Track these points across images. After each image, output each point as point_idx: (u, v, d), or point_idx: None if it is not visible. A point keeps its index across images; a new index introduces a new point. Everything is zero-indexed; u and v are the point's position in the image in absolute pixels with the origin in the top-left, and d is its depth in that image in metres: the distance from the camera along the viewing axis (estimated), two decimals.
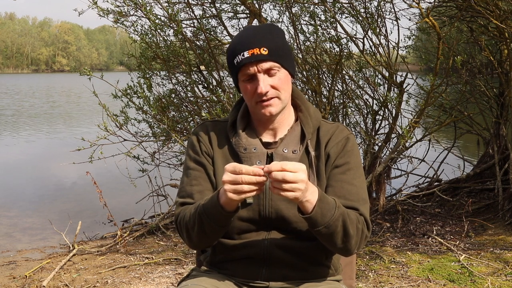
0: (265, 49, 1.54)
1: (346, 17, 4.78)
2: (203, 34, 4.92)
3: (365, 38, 4.65)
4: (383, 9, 4.69)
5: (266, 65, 1.56)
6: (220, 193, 1.47)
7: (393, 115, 4.78)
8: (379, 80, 4.93)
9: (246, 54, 1.55)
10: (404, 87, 4.58)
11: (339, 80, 5.08)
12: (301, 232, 1.60)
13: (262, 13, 4.90)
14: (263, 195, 1.60)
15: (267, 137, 1.66)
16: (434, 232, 4.55)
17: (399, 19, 4.76)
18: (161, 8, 4.72)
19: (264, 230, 1.62)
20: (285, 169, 1.37)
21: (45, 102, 25.78)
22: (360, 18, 4.54)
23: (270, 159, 1.62)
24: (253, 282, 1.63)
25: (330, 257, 1.69)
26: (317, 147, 1.65)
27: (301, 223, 1.57)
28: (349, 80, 5.20)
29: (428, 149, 5.92)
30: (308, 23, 5.02)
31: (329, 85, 4.93)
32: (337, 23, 4.63)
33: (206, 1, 5.19)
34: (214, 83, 5.08)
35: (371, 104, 5.14)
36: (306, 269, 1.65)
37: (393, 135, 4.90)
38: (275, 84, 1.57)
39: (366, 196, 1.64)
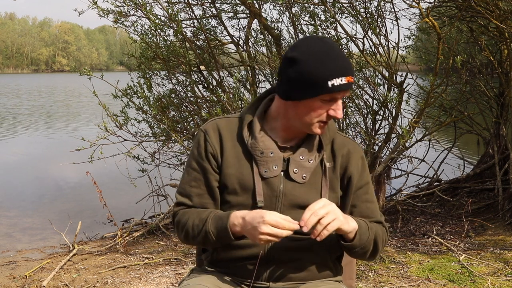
0: (352, 78, 1.55)
1: (346, 17, 4.78)
2: (203, 34, 4.92)
3: (365, 38, 4.65)
4: (383, 9, 4.68)
5: (347, 93, 1.57)
6: (234, 223, 1.53)
7: (393, 115, 4.78)
8: (379, 80, 4.93)
9: (344, 80, 1.51)
10: (404, 87, 4.58)
11: None
12: (305, 234, 1.60)
13: (262, 13, 4.90)
14: (276, 199, 1.60)
15: (283, 141, 1.65)
16: (434, 232, 4.55)
17: (399, 19, 4.76)
18: (161, 8, 4.72)
19: None
20: (320, 216, 1.45)
21: (45, 102, 25.77)
22: (360, 18, 4.53)
23: (286, 164, 1.62)
24: (254, 282, 1.63)
25: (332, 259, 1.70)
26: (332, 159, 1.66)
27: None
28: None
29: (428, 149, 5.92)
30: (308, 23, 5.02)
31: None
32: (337, 23, 4.62)
33: (206, 1, 5.19)
34: (214, 83, 5.08)
35: (371, 104, 5.14)
36: (307, 271, 1.65)
37: (393, 135, 4.90)
38: None
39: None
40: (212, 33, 5.30)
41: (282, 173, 1.61)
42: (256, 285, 1.64)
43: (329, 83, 1.50)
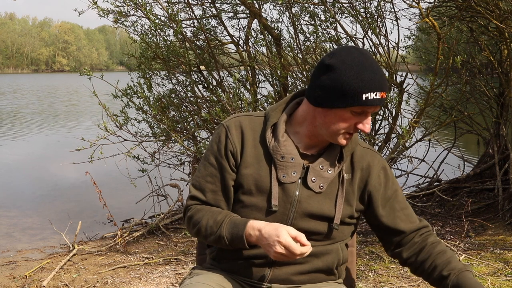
0: (385, 94, 1.54)
1: (346, 17, 4.78)
2: (203, 34, 4.92)
3: (365, 38, 4.66)
4: (383, 9, 4.69)
5: (378, 108, 1.57)
6: (250, 233, 1.52)
7: (393, 115, 4.78)
8: None
9: (379, 95, 1.50)
10: (404, 87, 4.58)
11: None
12: (315, 240, 1.61)
13: (262, 13, 4.90)
14: (290, 205, 1.59)
15: (305, 147, 1.63)
16: (434, 232, 4.54)
17: (399, 19, 4.77)
18: (161, 8, 4.73)
19: None
20: None
21: (45, 102, 25.78)
22: (360, 18, 4.54)
23: (305, 171, 1.60)
24: (256, 283, 1.63)
25: (337, 266, 1.69)
26: (351, 171, 1.64)
27: (319, 236, 1.61)
28: None
29: (428, 149, 5.92)
30: (308, 23, 5.02)
31: None
32: (337, 23, 4.63)
33: (206, 1, 5.20)
34: (214, 83, 5.08)
35: None
36: (311, 275, 1.64)
37: (393, 135, 4.90)
38: None
39: None
40: (212, 33, 5.30)
41: (300, 180, 1.60)
42: (258, 286, 1.64)
43: (363, 96, 1.49)
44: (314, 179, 1.59)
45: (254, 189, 1.60)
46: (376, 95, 1.49)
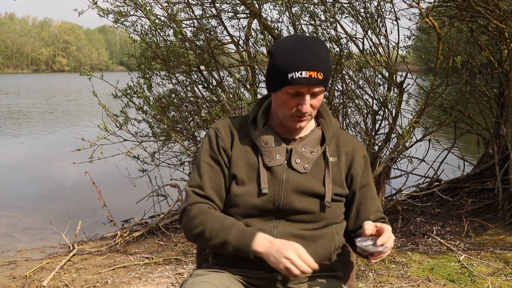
0: (321, 74, 1.59)
1: (346, 17, 4.77)
2: (203, 34, 4.92)
3: (365, 38, 4.65)
4: (383, 9, 4.68)
5: (316, 89, 1.61)
6: (259, 244, 1.56)
7: (393, 115, 4.78)
8: (379, 80, 4.93)
9: (305, 74, 1.57)
10: (404, 87, 4.58)
11: (339, 80, 5.08)
12: (310, 222, 1.67)
13: (262, 13, 4.90)
14: (279, 186, 1.66)
15: (285, 133, 1.73)
16: (434, 232, 4.55)
17: (399, 19, 4.76)
18: (161, 8, 4.73)
19: (274, 219, 1.68)
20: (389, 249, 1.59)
21: (45, 102, 25.78)
22: (360, 18, 4.53)
23: (289, 154, 1.70)
24: (257, 272, 1.65)
25: (334, 253, 1.73)
26: (336, 154, 1.74)
27: (312, 216, 1.66)
28: (349, 80, 5.19)
29: (428, 149, 5.91)
30: (308, 23, 5.02)
31: (329, 85, 4.93)
32: (337, 23, 4.62)
33: (206, 1, 5.19)
34: (214, 83, 5.08)
35: (371, 104, 5.14)
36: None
37: (393, 135, 4.90)
38: (315, 104, 1.65)
39: None
40: (212, 33, 5.30)
41: (286, 162, 1.69)
42: (258, 276, 1.65)
43: (289, 76, 1.58)
44: (298, 161, 1.69)
45: (246, 177, 1.68)
46: (301, 74, 1.57)
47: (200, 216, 1.65)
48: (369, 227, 1.60)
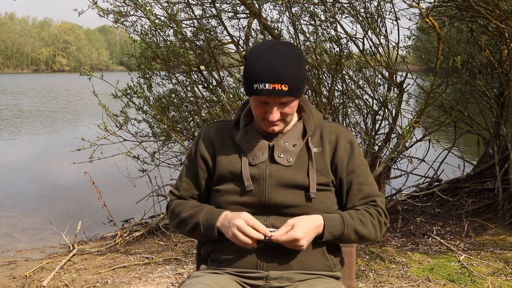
0: (286, 85, 1.59)
1: (346, 17, 4.78)
2: (203, 34, 4.92)
3: (365, 38, 4.65)
4: (383, 9, 4.68)
5: (283, 99, 1.63)
6: (219, 220, 1.66)
7: (393, 115, 4.78)
8: (379, 80, 4.93)
9: (268, 86, 1.59)
10: (404, 87, 4.58)
11: (339, 80, 5.08)
12: (299, 215, 1.66)
13: (262, 13, 4.90)
14: (263, 181, 1.69)
15: (267, 132, 1.75)
16: (434, 232, 4.55)
17: (399, 19, 4.76)
18: (161, 8, 4.72)
19: (264, 214, 1.69)
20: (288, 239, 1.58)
21: (45, 102, 25.77)
22: (360, 18, 4.53)
23: (271, 150, 1.72)
24: (252, 272, 1.66)
25: (330, 250, 1.73)
26: (320, 145, 1.74)
27: (300, 208, 1.67)
28: (349, 80, 5.20)
29: (428, 149, 5.91)
30: (308, 23, 5.02)
31: (329, 85, 4.93)
32: (337, 23, 4.63)
33: (206, 1, 5.19)
34: (214, 83, 5.08)
35: (371, 104, 5.14)
36: (305, 259, 1.67)
37: (393, 135, 4.90)
38: (286, 111, 1.67)
39: (378, 189, 1.81)
40: (212, 33, 5.30)
41: (268, 158, 1.72)
42: (255, 275, 1.65)
43: (254, 86, 1.61)
44: (281, 155, 1.71)
45: (230, 176, 1.72)
46: (265, 85, 1.59)
47: (177, 207, 1.79)
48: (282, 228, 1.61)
